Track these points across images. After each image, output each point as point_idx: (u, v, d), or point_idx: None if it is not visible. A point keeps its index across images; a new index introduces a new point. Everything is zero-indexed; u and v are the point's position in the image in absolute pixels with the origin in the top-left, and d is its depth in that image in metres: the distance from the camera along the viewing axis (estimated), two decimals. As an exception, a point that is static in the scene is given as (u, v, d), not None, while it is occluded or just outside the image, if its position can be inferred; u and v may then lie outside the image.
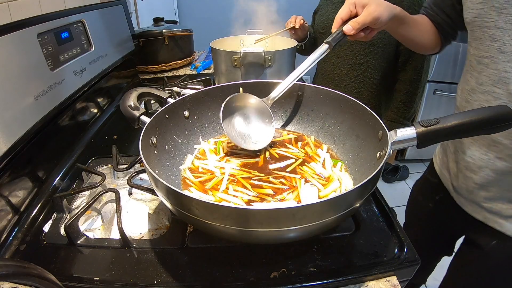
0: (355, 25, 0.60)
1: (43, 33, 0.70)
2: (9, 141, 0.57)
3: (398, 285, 0.47)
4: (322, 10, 1.20)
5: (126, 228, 0.53)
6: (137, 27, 1.63)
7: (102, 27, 0.98)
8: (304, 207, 0.37)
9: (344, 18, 0.61)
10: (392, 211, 0.58)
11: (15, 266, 0.26)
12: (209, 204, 0.39)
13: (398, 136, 0.46)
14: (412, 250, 0.50)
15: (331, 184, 0.56)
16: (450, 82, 2.01)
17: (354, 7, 0.61)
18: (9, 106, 0.58)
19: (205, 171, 0.61)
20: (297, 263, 0.48)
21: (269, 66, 0.99)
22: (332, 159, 0.63)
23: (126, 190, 0.63)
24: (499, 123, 0.43)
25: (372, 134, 0.54)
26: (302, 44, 1.23)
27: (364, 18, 0.60)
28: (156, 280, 0.46)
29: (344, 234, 0.54)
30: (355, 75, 1.11)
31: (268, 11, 1.15)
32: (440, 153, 0.82)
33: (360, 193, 0.42)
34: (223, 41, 1.16)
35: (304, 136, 0.70)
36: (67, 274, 0.47)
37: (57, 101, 0.73)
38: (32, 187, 0.63)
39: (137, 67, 1.36)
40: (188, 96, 0.65)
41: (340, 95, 0.64)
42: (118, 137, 0.87)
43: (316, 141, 0.68)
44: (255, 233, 0.39)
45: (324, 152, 0.64)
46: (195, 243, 0.52)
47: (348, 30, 0.60)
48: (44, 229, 0.56)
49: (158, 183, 0.42)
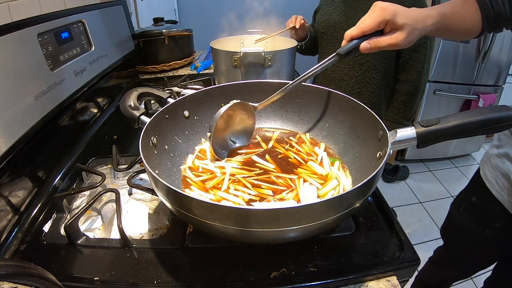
0: (374, 48, 0.52)
1: (43, 33, 0.70)
2: (9, 141, 0.57)
3: (398, 285, 0.47)
4: (323, 10, 1.20)
5: (126, 228, 0.53)
6: (137, 27, 1.63)
7: (102, 27, 0.98)
8: (304, 207, 0.37)
9: (367, 30, 0.52)
10: (392, 211, 0.58)
11: (15, 266, 0.26)
12: (209, 204, 0.39)
13: (398, 136, 0.46)
14: (412, 250, 0.50)
15: (330, 183, 0.56)
16: (450, 82, 2.01)
17: (385, 24, 0.52)
18: (9, 106, 0.58)
19: (205, 170, 0.61)
20: (297, 263, 0.48)
21: (269, 66, 0.99)
22: (330, 157, 0.63)
23: (126, 190, 0.63)
24: (499, 123, 0.43)
25: (372, 134, 0.54)
26: (302, 44, 1.23)
27: (389, 43, 0.52)
28: (156, 280, 0.46)
29: (344, 234, 0.54)
30: (355, 75, 1.11)
31: (268, 11, 1.15)
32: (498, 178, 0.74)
33: (360, 193, 0.42)
34: (223, 41, 1.16)
35: (299, 133, 0.71)
36: (67, 274, 0.47)
37: (57, 101, 0.73)
38: (32, 187, 0.63)
39: (137, 67, 1.36)
40: (188, 96, 0.65)
41: (340, 95, 0.64)
42: (118, 137, 0.87)
43: (312, 139, 0.69)
44: (255, 233, 0.39)
45: (321, 150, 0.64)
46: (195, 243, 0.52)
47: (365, 49, 0.53)
48: (44, 229, 0.56)
49: (158, 183, 0.42)
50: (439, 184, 2.14)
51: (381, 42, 0.52)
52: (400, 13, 0.51)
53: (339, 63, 1.13)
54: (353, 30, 0.53)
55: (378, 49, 0.52)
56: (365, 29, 0.52)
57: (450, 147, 2.28)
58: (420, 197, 2.01)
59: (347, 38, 0.54)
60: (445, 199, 1.99)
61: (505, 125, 0.43)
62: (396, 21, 0.51)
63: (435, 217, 1.85)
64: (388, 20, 0.51)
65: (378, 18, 0.51)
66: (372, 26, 0.52)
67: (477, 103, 2.03)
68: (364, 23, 0.52)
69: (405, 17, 0.51)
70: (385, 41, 0.52)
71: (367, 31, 0.52)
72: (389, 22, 0.51)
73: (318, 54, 1.26)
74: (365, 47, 0.52)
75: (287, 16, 1.18)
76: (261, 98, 0.64)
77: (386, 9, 0.51)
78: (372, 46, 0.52)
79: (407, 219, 1.84)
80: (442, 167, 2.30)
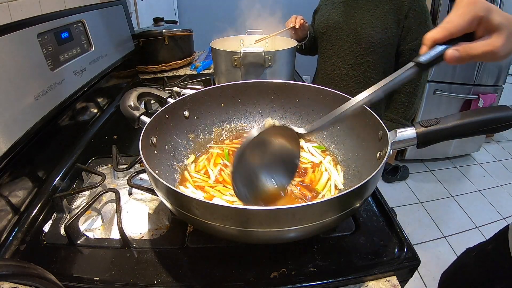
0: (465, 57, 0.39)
1: (43, 33, 0.70)
2: (9, 141, 0.57)
3: (398, 285, 0.47)
4: (323, 9, 1.20)
5: (126, 228, 0.53)
6: (137, 27, 1.63)
7: (102, 27, 0.98)
8: (304, 207, 0.37)
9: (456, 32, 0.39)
10: (392, 211, 0.58)
11: (15, 266, 0.26)
12: (209, 204, 0.39)
13: (398, 136, 0.46)
14: (412, 250, 0.50)
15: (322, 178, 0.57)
16: (450, 82, 2.01)
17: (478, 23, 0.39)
18: (9, 106, 0.58)
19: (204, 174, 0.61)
20: (297, 263, 0.48)
21: (269, 66, 0.99)
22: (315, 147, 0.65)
23: (126, 190, 0.63)
24: (499, 123, 0.43)
25: (372, 134, 0.54)
26: (302, 44, 1.23)
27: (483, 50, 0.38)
28: (156, 280, 0.46)
29: (344, 234, 0.54)
30: (355, 75, 1.11)
31: (268, 11, 1.15)
32: None
33: (360, 193, 0.42)
34: (223, 41, 1.16)
35: None
36: (67, 274, 0.47)
37: (57, 101, 0.73)
38: (32, 187, 0.63)
39: (137, 67, 1.36)
40: (188, 96, 0.65)
41: (340, 95, 0.64)
42: (118, 137, 0.87)
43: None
44: (255, 233, 0.39)
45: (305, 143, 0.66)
46: (195, 243, 0.52)
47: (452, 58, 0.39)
48: (44, 229, 0.56)
49: (158, 183, 0.42)
50: (439, 184, 2.14)
51: (474, 49, 0.39)
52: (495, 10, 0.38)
53: (339, 63, 1.14)
54: (437, 32, 0.40)
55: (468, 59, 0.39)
56: (452, 30, 0.39)
57: (450, 147, 2.28)
58: (420, 197, 2.01)
59: (429, 44, 0.40)
60: (445, 199, 1.99)
61: (505, 125, 0.43)
62: (491, 18, 0.38)
63: (435, 217, 1.85)
64: (482, 17, 0.38)
65: (468, 15, 0.38)
66: (462, 26, 0.38)
67: (477, 103, 2.03)
68: (451, 22, 0.39)
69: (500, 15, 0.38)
70: (479, 48, 0.38)
71: (455, 32, 0.39)
72: (483, 20, 0.38)
73: (318, 54, 1.26)
74: (452, 56, 0.39)
75: (287, 16, 1.18)
76: (261, 98, 0.63)
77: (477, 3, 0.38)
78: (462, 54, 0.39)
79: (407, 219, 1.84)
80: (442, 167, 2.30)
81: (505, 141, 2.67)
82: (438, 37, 0.39)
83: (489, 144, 2.60)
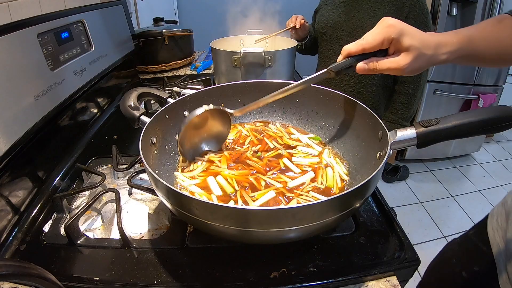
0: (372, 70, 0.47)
1: (43, 33, 0.70)
2: (9, 141, 0.57)
3: (398, 285, 0.47)
4: (323, 9, 1.20)
5: (126, 228, 0.53)
6: (137, 27, 1.63)
7: (102, 27, 0.98)
8: (304, 207, 0.37)
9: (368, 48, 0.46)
10: (392, 211, 0.58)
11: (15, 266, 0.26)
12: (209, 204, 0.39)
13: (398, 136, 0.46)
14: (412, 250, 0.50)
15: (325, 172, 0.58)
16: (450, 82, 2.01)
17: (389, 42, 0.46)
18: (9, 106, 0.58)
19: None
20: (297, 263, 0.48)
21: (269, 66, 0.99)
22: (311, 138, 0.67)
23: (126, 190, 0.63)
24: (499, 123, 0.43)
25: (372, 134, 0.54)
26: (303, 44, 1.23)
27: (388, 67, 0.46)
28: (156, 280, 0.46)
29: (344, 234, 0.54)
30: (355, 75, 1.11)
31: (268, 11, 1.15)
32: (501, 215, 0.64)
33: (360, 193, 0.42)
34: (223, 41, 1.16)
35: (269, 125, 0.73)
36: (67, 274, 0.47)
37: (57, 101, 0.73)
38: (32, 187, 0.63)
39: (137, 67, 1.36)
40: (188, 96, 0.65)
41: (340, 95, 0.64)
42: (118, 137, 0.87)
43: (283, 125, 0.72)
44: (255, 233, 0.39)
45: (301, 135, 0.68)
46: (195, 243, 0.52)
47: (361, 70, 0.47)
48: (44, 229, 0.56)
49: (158, 183, 0.42)
50: (439, 184, 2.14)
51: (380, 64, 0.46)
52: (409, 33, 0.44)
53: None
54: (352, 46, 0.47)
55: (376, 71, 0.47)
56: (365, 46, 0.46)
57: (450, 147, 2.28)
58: (420, 197, 2.01)
59: (344, 54, 0.48)
60: (445, 199, 1.99)
61: (505, 125, 0.43)
62: (401, 40, 0.44)
63: (435, 217, 1.85)
64: (393, 38, 0.44)
65: (381, 35, 0.45)
66: (373, 44, 0.46)
67: (477, 103, 2.03)
68: (366, 39, 0.46)
69: (413, 38, 0.44)
70: (385, 64, 0.46)
71: (367, 49, 0.46)
72: (393, 41, 0.45)
73: (318, 54, 1.26)
74: (361, 68, 0.47)
75: (287, 16, 1.18)
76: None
77: (392, 27, 0.44)
78: (369, 67, 0.46)
79: (407, 219, 1.84)
80: (442, 167, 2.30)
81: (505, 141, 2.67)
82: (353, 50, 0.47)
83: (489, 144, 2.60)
